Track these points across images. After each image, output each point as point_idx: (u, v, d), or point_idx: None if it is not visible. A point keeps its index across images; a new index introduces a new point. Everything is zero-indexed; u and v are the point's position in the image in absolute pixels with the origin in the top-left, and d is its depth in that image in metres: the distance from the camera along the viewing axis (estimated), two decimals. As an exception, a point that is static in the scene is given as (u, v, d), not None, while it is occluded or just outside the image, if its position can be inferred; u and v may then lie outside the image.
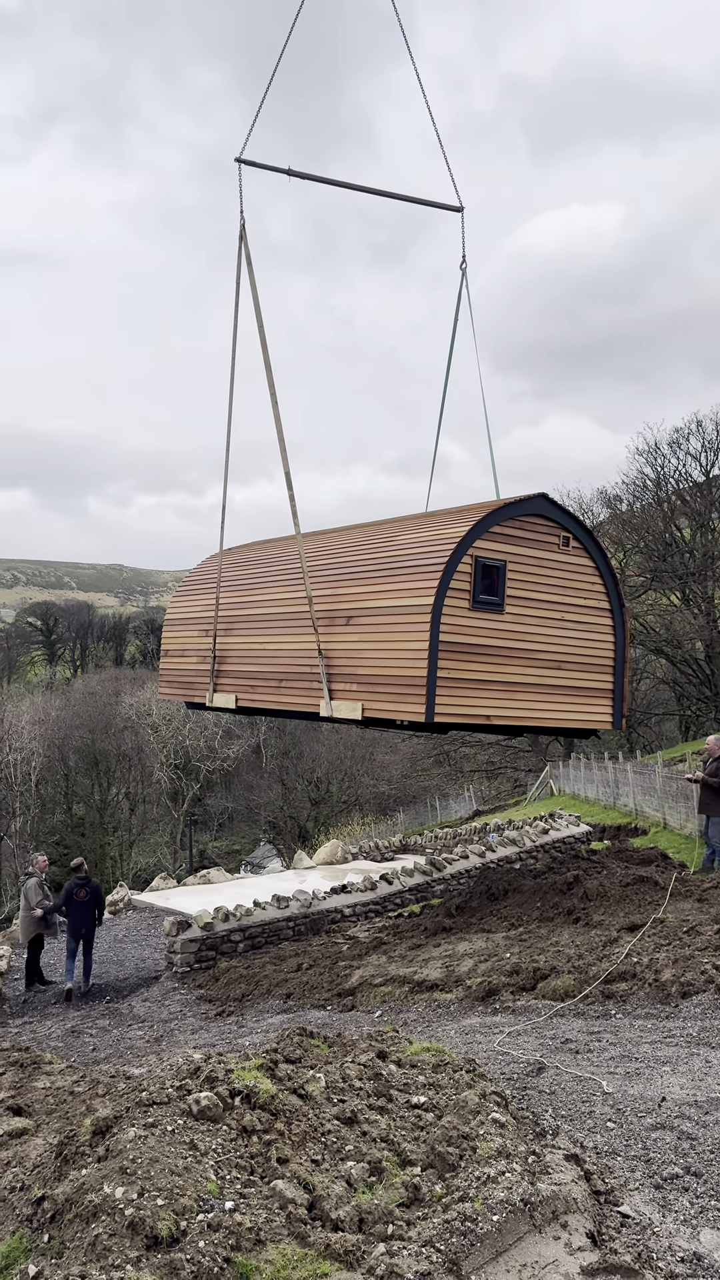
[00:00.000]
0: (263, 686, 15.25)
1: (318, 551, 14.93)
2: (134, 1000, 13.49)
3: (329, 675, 13.55)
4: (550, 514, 13.54)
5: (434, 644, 12.06)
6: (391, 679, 12.57)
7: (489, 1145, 4.53)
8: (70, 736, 68.04)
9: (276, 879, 21.60)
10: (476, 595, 12.50)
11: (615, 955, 9.50)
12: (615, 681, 14.40)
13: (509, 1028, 8.58)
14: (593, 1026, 8.22)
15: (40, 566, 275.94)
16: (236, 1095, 4.61)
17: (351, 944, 13.32)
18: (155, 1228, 3.62)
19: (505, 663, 12.97)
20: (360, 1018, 10.23)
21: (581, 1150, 4.90)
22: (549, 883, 13.12)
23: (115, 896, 20.54)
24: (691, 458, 50.93)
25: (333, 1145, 4.52)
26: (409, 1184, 4.27)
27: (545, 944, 10.62)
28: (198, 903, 17.77)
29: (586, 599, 13.94)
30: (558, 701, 13.66)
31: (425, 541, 12.97)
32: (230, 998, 12.25)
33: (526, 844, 18.85)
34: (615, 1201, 4.33)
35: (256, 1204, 3.93)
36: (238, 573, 16.59)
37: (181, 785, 59.80)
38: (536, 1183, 4.09)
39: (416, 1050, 6.14)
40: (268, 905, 15.12)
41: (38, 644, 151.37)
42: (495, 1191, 3.91)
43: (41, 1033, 12.40)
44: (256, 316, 13.77)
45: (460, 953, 11.13)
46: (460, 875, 17.26)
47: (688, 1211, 4.31)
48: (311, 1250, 3.74)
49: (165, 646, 18.32)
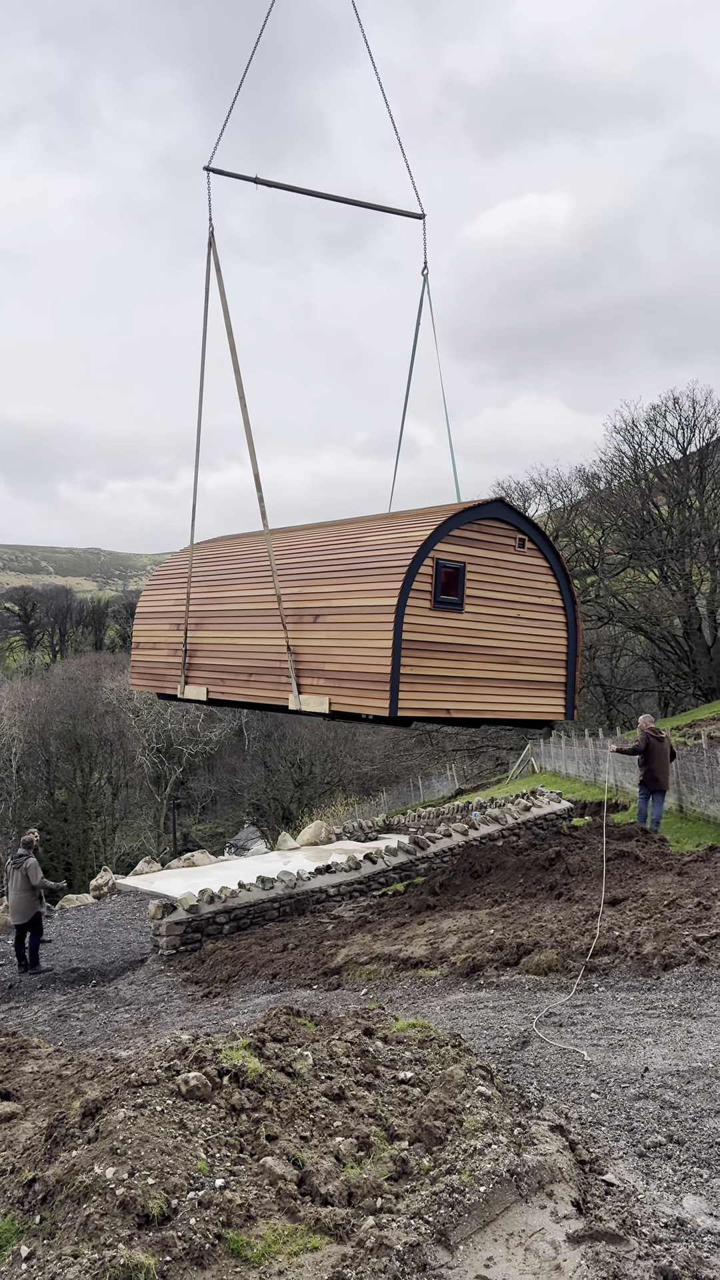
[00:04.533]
0: (233, 680, 15.63)
1: (286, 550, 15.28)
2: (120, 983, 13.53)
3: (297, 670, 14.02)
4: (507, 517, 14.17)
5: (397, 642, 12.59)
6: (357, 675, 13.07)
7: (475, 1118, 4.59)
8: (51, 722, 67.71)
9: (261, 860, 21.66)
10: (437, 595, 13.08)
11: (597, 929, 9.60)
12: (567, 674, 15.05)
13: (493, 1002, 8.68)
14: (576, 1000, 8.32)
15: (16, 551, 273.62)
16: (225, 1075, 4.65)
17: (336, 923, 13.40)
18: (146, 1206, 3.65)
19: (464, 659, 13.54)
20: (346, 996, 10.31)
21: (566, 1121, 4.97)
22: (531, 859, 13.24)
23: (99, 881, 20.56)
24: (669, 435, 51.11)
25: (321, 1122, 4.57)
26: (397, 1158, 4.33)
27: (528, 919, 10.72)
28: (183, 885, 17.80)
29: (540, 597, 14.57)
30: (514, 695, 14.25)
31: (389, 544, 13.48)
32: (217, 979, 12.30)
33: (509, 821, 18.98)
34: (600, 1170, 4.40)
35: (247, 1181, 3.97)
36: (208, 568, 16.80)
37: (164, 769, 59.74)
38: (522, 1154, 4.15)
39: (402, 1026, 6.20)
40: (252, 887, 15.17)
41: (15, 629, 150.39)
42: (482, 1163, 3.96)
43: (28, 1017, 12.41)
44: (226, 326, 14.10)
45: (444, 930, 11.22)
46: (443, 854, 17.36)
47: (670, 1179, 4.39)
48: (302, 1225, 3.79)
49: (136, 639, 18.50)
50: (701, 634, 49.33)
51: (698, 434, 50.41)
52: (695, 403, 50.05)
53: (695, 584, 49.95)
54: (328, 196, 16.35)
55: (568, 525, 52.88)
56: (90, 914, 18.67)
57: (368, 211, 16.55)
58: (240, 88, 14.65)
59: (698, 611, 49.41)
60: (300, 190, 15.98)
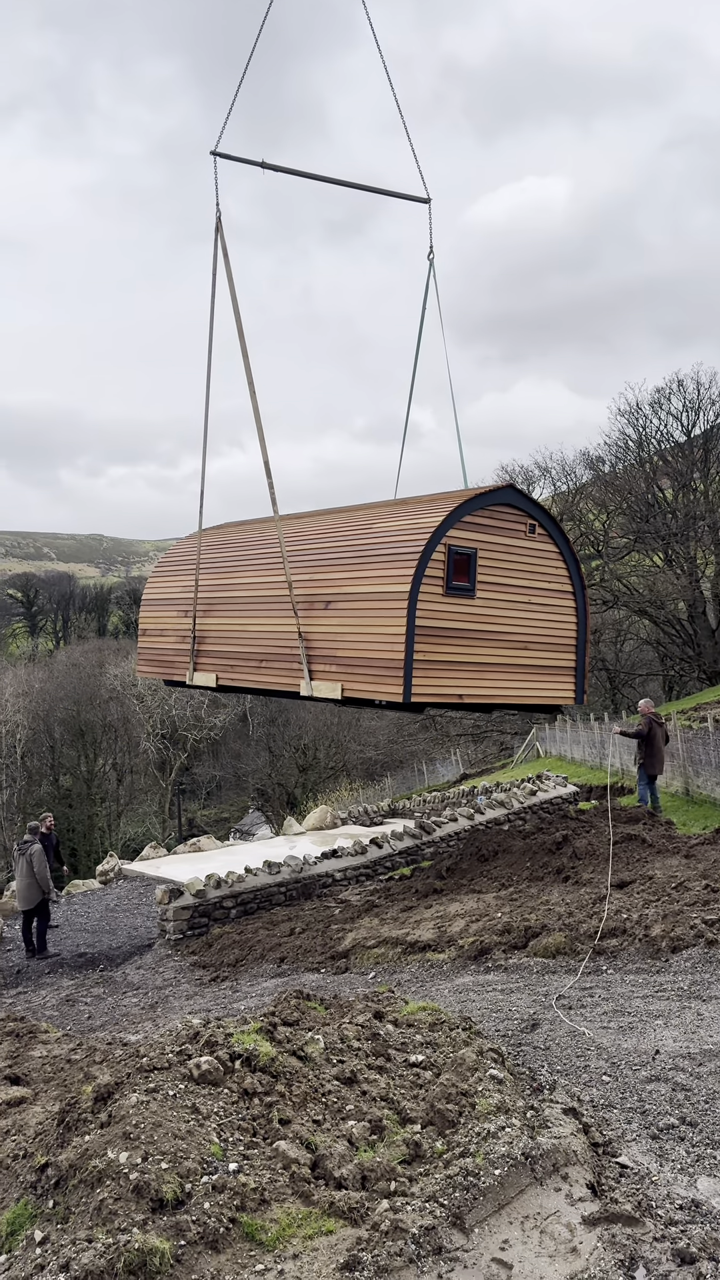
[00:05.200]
0: (243, 666, 15.64)
1: (296, 536, 15.26)
2: (128, 968, 13.56)
3: (309, 657, 14.04)
4: (517, 503, 14.22)
5: (410, 629, 12.64)
6: (370, 661, 13.12)
7: (488, 1101, 4.58)
8: (55, 708, 67.83)
9: (267, 845, 21.71)
10: (449, 582, 13.12)
11: (605, 912, 9.59)
12: (577, 659, 15.12)
13: (502, 985, 8.67)
14: (585, 982, 8.32)
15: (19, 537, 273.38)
16: (236, 1059, 4.64)
17: (343, 907, 13.41)
18: (160, 1191, 3.64)
19: (476, 644, 13.59)
20: (354, 979, 10.32)
21: (579, 1104, 4.96)
22: (538, 843, 13.23)
23: (105, 866, 20.59)
24: (673, 418, 50.88)
25: (333, 1105, 4.55)
26: (410, 1141, 4.31)
27: (536, 903, 10.71)
28: (189, 871, 17.85)
29: (550, 582, 14.62)
30: (525, 680, 14.33)
31: (401, 530, 13.50)
32: (224, 963, 12.32)
33: (515, 806, 18.98)
34: (613, 1153, 4.39)
35: (260, 1165, 3.96)
36: (216, 555, 16.77)
37: (169, 755, 59.83)
38: (536, 1136, 4.14)
39: (413, 1010, 6.19)
40: (259, 871, 15.18)
41: (18, 616, 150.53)
42: (496, 1146, 3.95)
43: (36, 1002, 12.45)
44: (235, 312, 14.08)
45: (452, 913, 11.22)
46: (449, 838, 17.37)
47: (684, 1160, 4.38)
48: (316, 1208, 3.78)
49: (143, 626, 18.45)
50: (706, 618, 49.24)
51: (702, 416, 50.20)
52: (700, 385, 49.82)
53: (700, 567, 49.81)
54: (335, 181, 16.31)
55: (572, 509, 52.71)
56: (97, 899, 18.70)
57: (369, 196, 16.48)
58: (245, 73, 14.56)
59: (702, 595, 49.28)
60: (308, 175, 15.93)
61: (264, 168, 14.78)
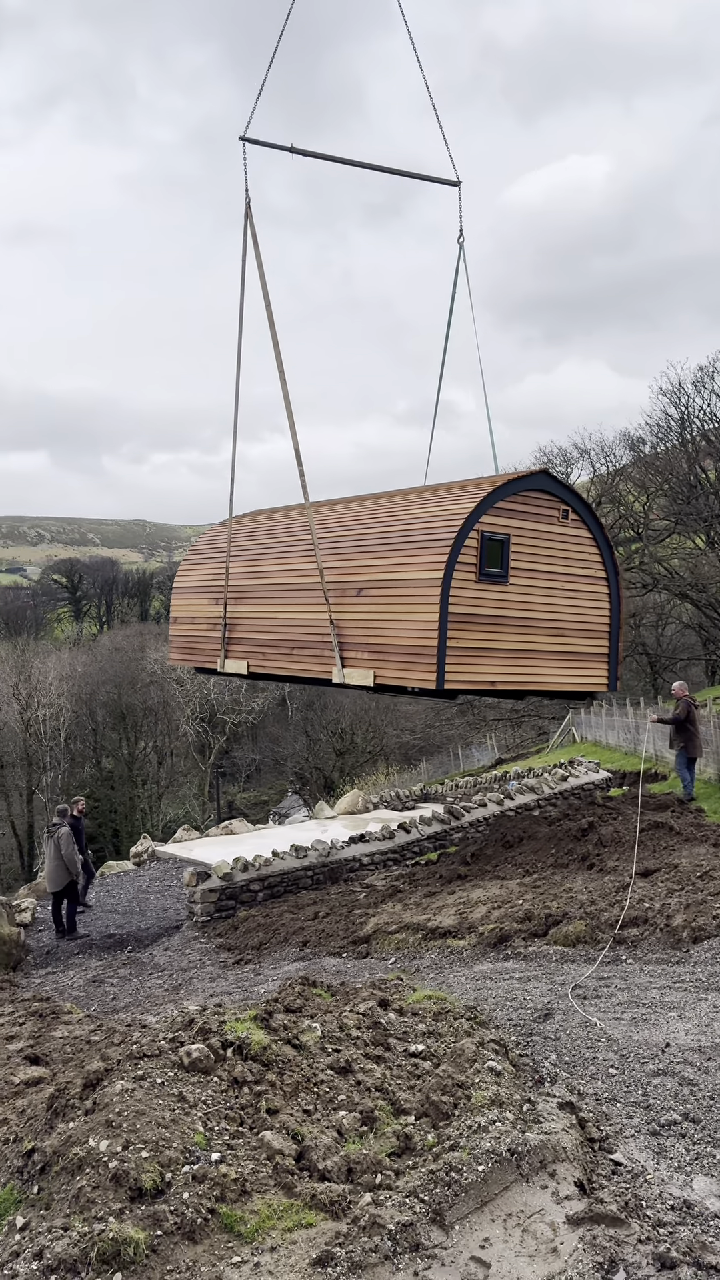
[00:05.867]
0: (274, 653, 15.65)
1: (327, 524, 15.20)
2: (155, 949, 13.65)
3: (340, 644, 14.02)
4: (550, 488, 14.07)
5: (443, 615, 12.57)
6: (403, 648, 13.07)
7: (483, 1094, 4.51)
8: (97, 692, 68.62)
9: (298, 829, 21.76)
10: (482, 568, 13.03)
11: (627, 901, 9.45)
12: (610, 646, 14.96)
13: (519, 973, 8.59)
14: (603, 972, 8.20)
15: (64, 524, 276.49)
16: (228, 1047, 4.60)
17: (368, 892, 13.38)
18: (139, 1180, 3.62)
19: (509, 631, 13.51)
20: (374, 965, 10.28)
21: (579, 1098, 4.87)
22: (564, 829, 13.09)
23: (139, 848, 20.77)
24: (717, 396, 49.86)
25: (325, 1095, 4.51)
26: (401, 1133, 4.26)
27: (558, 890, 10.60)
28: (220, 853, 17.93)
29: (584, 568, 14.48)
30: (558, 666, 14.24)
31: (433, 517, 13.41)
32: (248, 946, 12.36)
33: (545, 791, 18.82)
34: (609, 1149, 4.30)
35: (244, 1155, 3.93)
36: (247, 542, 16.76)
37: (208, 738, 60.25)
38: (526, 1132, 4.06)
39: (418, 998, 6.13)
40: (286, 855, 15.21)
41: (64, 601, 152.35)
42: (482, 1141, 3.88)
43: (64, 982, 12.57)
44: (264, 297, 13.99)
45: (474, 900, 11.14)
46: (478, 823, 17.27)
47: (682, 1158, 4.27)
48: (298, 1200, 3.74)
49: (174, 614, 18.49)
50: (749, 601, 48.37)
51: (747, 395, 49.09)
52: (744, 363, 48.72)
53: (743, 550, 48.90)
54: (363, 165, 16.25)
55: (611, 491, 52.03)
56: (129, 881, 18.87)
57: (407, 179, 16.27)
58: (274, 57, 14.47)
59: (745, 578, 48.39)
60: (336, 159, 15.87)
61: (293, 153, 14.71)
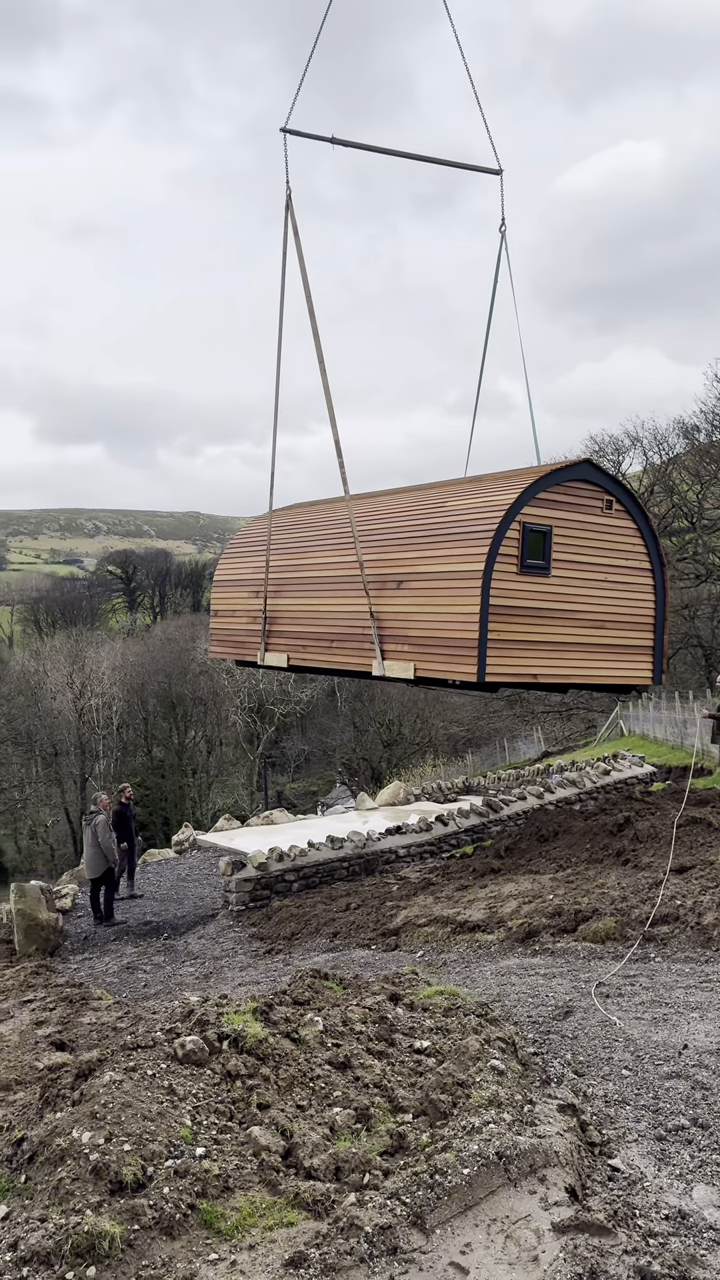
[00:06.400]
0: (314, 646, 15.62)
1: (367, 516, 15.13)
2: (190, 937, 13.73)
3: (380, 636, 13.95)
4: (594, 478, 13.87)
5: (484, 608, 12.45)
6: (443, 641, 12.97)
7: (482, 1094, 4.41)
8: (148, 681, 69.37)
9: (339, 820, 21.73)
10: (524, 560, 12.87)
11: (659, 897, 9.26)
12: (655, 638, 14.71)
13: (545, 969, 8.45)
14: (629, 970, 8.04)
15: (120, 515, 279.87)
16: (224, 1039, 4.56)
17: (401, 884, 13.31)
18: (120, 1173, 3.59)
19: (551, 623, 13.35)
20: (402, 957, 10.22)
21: (583, 1099, 4.75)
22: (599, 824, 12.88)
23: (180, 836, 20.92)
24: (773, 384, 48.69)
25: (321, 1091, 4.44)
26: (395, 1132, 4.18)
27: (590, 886, 10.43)
28: (259, 843, 17.97)
29: (628, 559, 14.26)
30: (601, 659, 14.03)
31: (475, 508, 13.26)
32: (280, 936, 12.37)
33: (587, 785, 18.56)
34: (609, 1154, 4.18)
35: (230, 1150, 3.88)
36: (287, 535, 16.73)
37: (256, 728, 60.57)
38: (519, 1134, 3.95)
39: (430, 994, 6.04)
40: (322, 846, 15.19)
41: (118, 591, 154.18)
42: (470, 1144, 3.78)
43: (99, 968, 12.70)
44: (304, 287, 13.91)
45: (505, 894, 11.01)
46: (517, 816, 17.09)
47: (685, 1165, 4.14)
48: (281, 1198, 3.68)
49: (215, 607, 18.54)
50: None
51: None
52: None
53: None
54: (405, 155, 16.15)
55: (665, 480, 51.17)
56: (170, 869, 19.01)
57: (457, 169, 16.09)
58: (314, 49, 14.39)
59: None
60: (377, 149, 15.77)
61: (334, 143, 14.64)
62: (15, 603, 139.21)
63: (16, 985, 11.69)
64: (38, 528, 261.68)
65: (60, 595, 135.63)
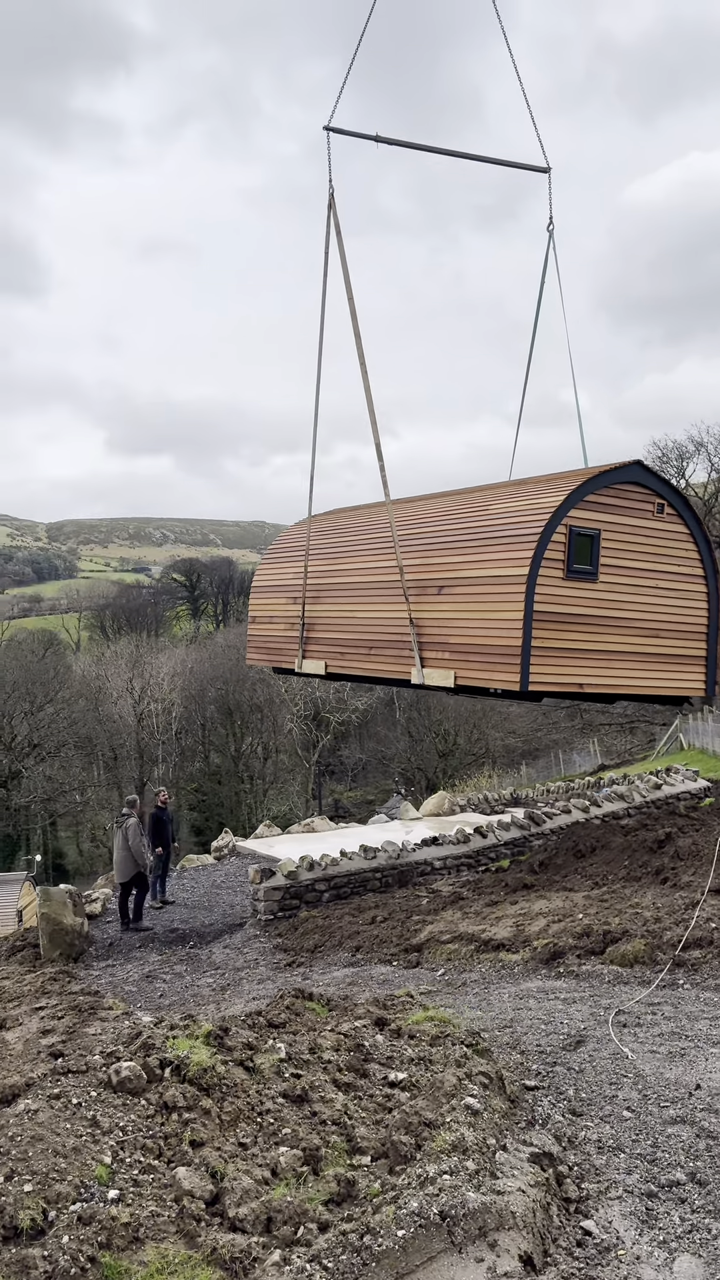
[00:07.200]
0: (353, 653, 15.25)
1: (407, 520, 14.73)
2: (215, 946, 13.40)
3: (420, 643, 13.54)
4: (645, 481, 13.36)
5: (528, 613, 12.01)
6: (485, 648, 12.55)
7: (447, 1137, 3.95)
8: (207, 688, 69.71)
9: (381, 829, 21.29)
10: (570, 564, 12.41)
11: (693, 919, 8.65)
12: (709, 648, 14.14)
13: (565, 994, 7.91)
14: (654, 997, 7.46)
15: (188, 525, 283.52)
16: (167, 1066, 4.17)
17: (431, 898, 12.82)
18: (16, 1217, 3.21)
19: (598, 631, 12.86)
20: (422, 975, 9.74)
21: (569, 1146, 4.26)
22: (639, 840, 12.24)
23: (220, 842, 20.66)
24: None
25: (269, 1128, 4.03)
26: (344, 1178, 3.74)
27: (625, 905, 9.84)
28: (299, 850, 17.59)
29: (680, 565, 13.71)
30: (650, 669, 13.49)
31: (519, 511, 12.81)
32: (304, 948, 11.97)
33: (636, 799, 17.82)
34: (586, 1212, 3.69)
35: (149, 1194, 3.48)
36: (325, 541, 16.39)
37: (312, 735, 60.37)
38: (478, 1188, 3.48)
39: (419, 1019, 5.58)
40: (354, 855, 14.77)
41: (182, 599, 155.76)
42: (412, 1199, 3.32)
43: (120, 976, 12.44)
44: (347, 291, 13.66)
45: (535, 911, 10.46)
46: (559, 830, 16.46)
47: (673, 1230, 3.62)
48: (197, 1253, 3.27)
49: (253, 613, 18.25)
50: None
51: None
52: None
53: None
54: (450, 153, 15.86)
55: (732, 487, 49.79)
56: (206, 875, 18.75)
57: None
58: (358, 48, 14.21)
59: None
60: (420, 147, 15.52)
61: (377, 141, 14.38)
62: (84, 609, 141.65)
63: (33, 991, 11.44)
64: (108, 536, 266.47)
65: (126, 602, 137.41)
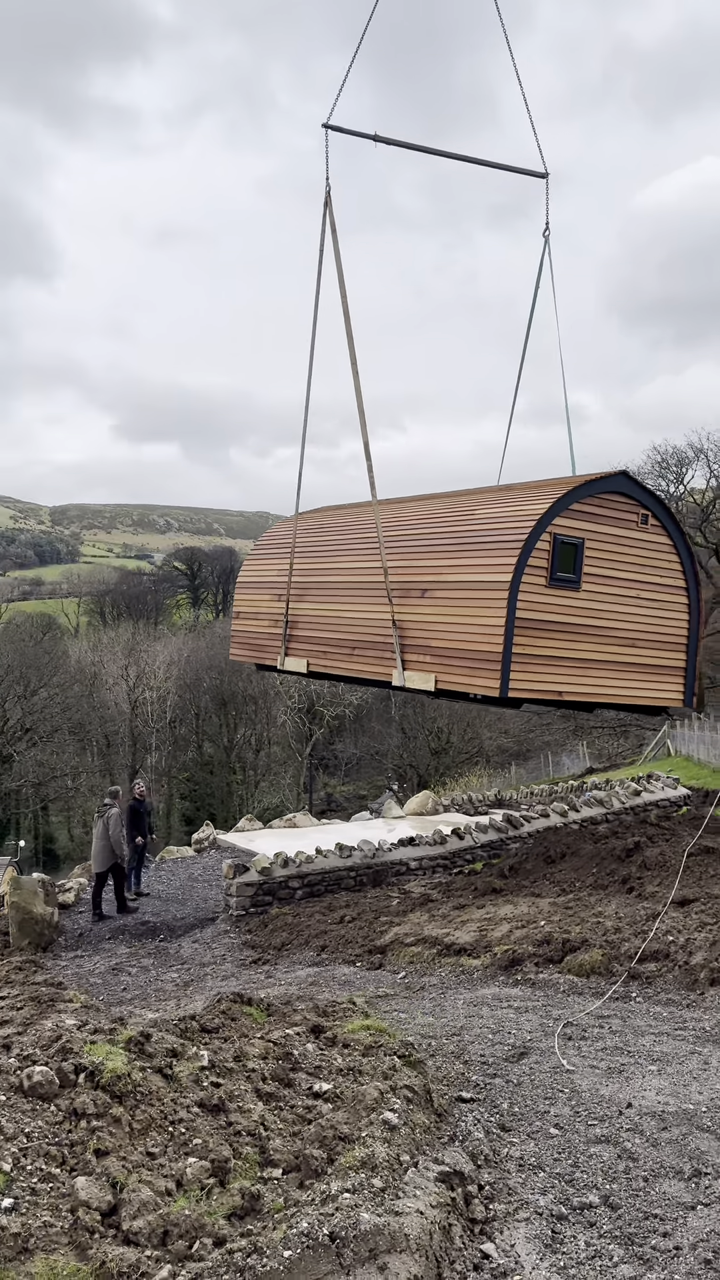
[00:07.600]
0: (335, 653, 15.23)
1: (394, 522, 14.69)
2: (185, 940, 13.39)
3: (402, 646, 13.53)
4: (630, 491, 13.37)
5: (510, 620, 12.01)
6: (466, 653, 12.54)
7: (356, 1154, 3.92)
8: (203, 677, 69.68)
9: (364, 827, 21.26)
10: (554, 572, 12.41)
11: (652, 931, 8.63)
12: (688, 660, 14.14)
13: (519, 1002, 7.90)
14: (605, 1009, 7.44)
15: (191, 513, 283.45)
16: (81, 1072, 4.15)
17: (402, 899, 12.81)
18: None
19: (580, 639, 12.85)
20: (383, 977, 9.72)
21: (484, 1164, 4.23)
22: (609, 848, 12.22)
23: (200, 835, 20.64)
24: None
25: (180, 1137, 4.00)
26: (250, 1191, 3.72)
27: (587, 914, 9.82)
28: (279, 846, 17.57)
29: (662, 576, 13.72)
30: (630, 679, 13.49)
31: (504, 517, 12.81)
32: (271, 945, 11.96)
33: (614, 805, 17.81)
34: (489, 1234, 3.67)
35: (45, 1204, 3.46)
36: (312, 539, 16.36)
37: (306, 729, 60.37)
38: (377, 1208, 3.46)
39: (355, 1028, 5.56)
40: (329, 853, 14.75)
41: (183, 588, 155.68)
42: (301, 1220, 3.30)
43: (87, 967, 12.43)
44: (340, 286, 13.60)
45: (500, 917, 10.45)
46: (537, 834, 16.44)
47: (576, 1255, 3.60)
48: (87, 1266, 3.24)
49: (237, 609, 18.23)
50: None
51: None
52: None
53: None
54: (449, 155, 15.84)
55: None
56: (184, 868, 18.73)
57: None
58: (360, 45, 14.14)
59: None
60: (418, 148, 15.49)
61: (375, 140, 14.32)
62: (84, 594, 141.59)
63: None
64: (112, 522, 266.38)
65: (126, 589, 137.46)
